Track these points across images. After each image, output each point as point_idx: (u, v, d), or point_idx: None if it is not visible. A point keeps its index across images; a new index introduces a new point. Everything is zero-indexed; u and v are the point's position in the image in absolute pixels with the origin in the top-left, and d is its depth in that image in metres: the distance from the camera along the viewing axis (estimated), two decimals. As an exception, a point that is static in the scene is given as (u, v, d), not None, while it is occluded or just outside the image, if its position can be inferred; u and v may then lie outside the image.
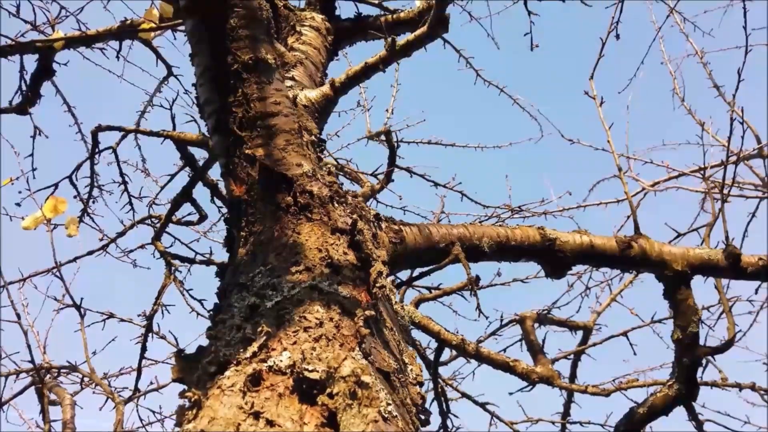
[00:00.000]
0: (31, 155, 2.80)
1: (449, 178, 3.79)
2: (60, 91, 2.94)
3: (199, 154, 2.61)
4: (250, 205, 1.32)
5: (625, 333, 3.31)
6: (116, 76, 3.35)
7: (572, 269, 2.16)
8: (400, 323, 1.27)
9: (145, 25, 2.68)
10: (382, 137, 3.52)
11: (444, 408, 2.55)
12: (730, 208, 2.19)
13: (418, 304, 2.37)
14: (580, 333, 3.45)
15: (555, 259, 2.02)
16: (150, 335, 2.71)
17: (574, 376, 3.35)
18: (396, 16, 2.88)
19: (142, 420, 3.12)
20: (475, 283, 1.90)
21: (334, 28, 2.72)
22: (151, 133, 2.67)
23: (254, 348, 0.91)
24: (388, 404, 0.85)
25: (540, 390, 2.82)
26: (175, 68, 3.12)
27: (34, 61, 2.69)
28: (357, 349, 0.94)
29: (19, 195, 2.69)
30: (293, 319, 0.97)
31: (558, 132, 4.11)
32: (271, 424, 0.78)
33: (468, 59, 3.30)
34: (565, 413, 3.27)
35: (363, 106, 3.90)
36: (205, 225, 3.59)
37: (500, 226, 2.02)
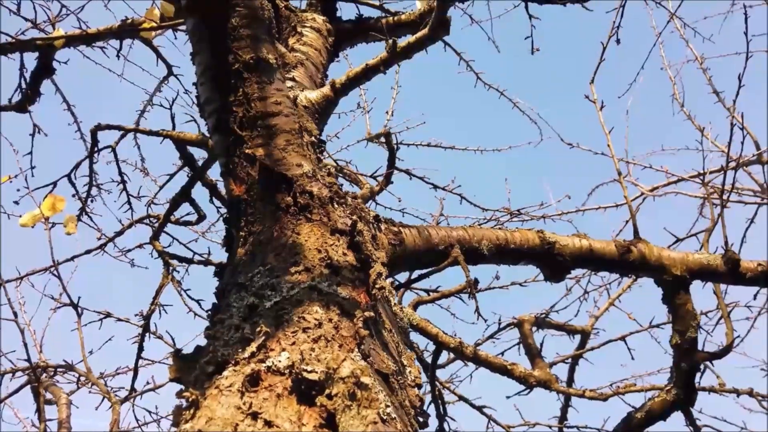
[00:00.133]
0: (29, 153, 2.79)
1: (449, 180, 3.79)
2: (60, 89, 2.94)
3: (199, 154, 2.61)
4: (250, 205, 1.32)
5: (623, 337, 3.31)
6: (116, 75, 3.35)
7: (571, 273, 2.16)
8: (399, 325, 1.27)
9: (145, 25, 2.68)
10: (382, 139, 3.51)
11: (441, 411, 2.55)
12: (728, 214, 2.19)
13: (416, 307, 2.37)
14: (578, 337, 3.45)
15: (554, 262, 2.02)
16: (147, 335, 2.71)
17: (571, 380, 3.35)
18: (397, 18, 2.88)
19: (138, 420, 3.11)
20: (473, 286, 1.89)
21: (335, 30, 2.72)
22: (151, 133, 2.67)
23: (253, 348, 0.90)
24: (387, 406, 0.84)
25: (537, 394, 2.81)
26: (175, 68, 3.13)
27: (34, 59, 2.69)
28: (356, 350, 0.93)
29: (17, 193, 2.69)
30: (292, 320, 0.97)
31: (557, 136, 4.11)
32: (269, 424, 0.78)
33: (468, 62, 3.30)
34: (563, 417, 3.27)
35: (363, 107, 3.90)
36: (204, 225, 3.59)
37: (499, 229, 2.02)
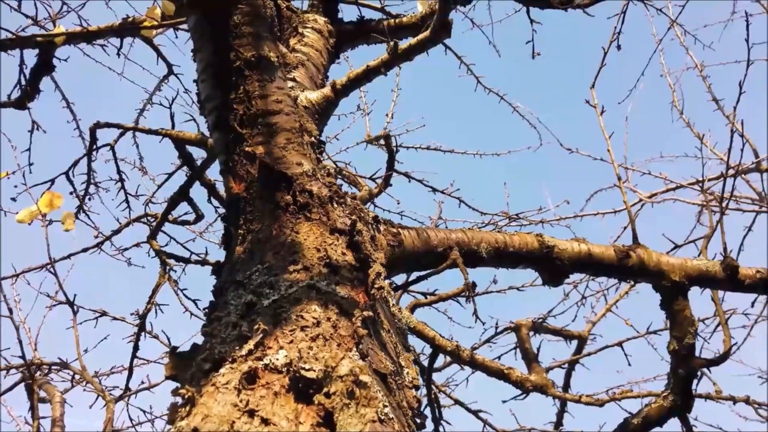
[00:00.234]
0: (28, 150, 2.78)
1: (447, 184, 3.79)
2: (59, 86, 2.93)
3: (198, 154, 2.60)
4: (249, 203, 1.31)
5: (620, 343, 3.31)
6: (116, 74, 3.34)
7: (569, 277, 2.15)
8: (397, 326, 1.26)
9: (146, 23, 2.67)
10: (382, 141, 3.51)
11: (437, 414, 2.54)
12: (726, 222, 2.19)
13: (413, 310, 2.36)
14: (575, 342, 3.44)
15: (553, 266, 2.01)
16: (143, 334, 2.70)
17: (567, 386, 3.34)
18: (398, 21, 2.88)
19: (133, 420, 3.10)
20: (471, 289, 1.88)
21: (336, 31, 2.72)
22: (150, 131, 2.66)
23: (250, 346, 0.90)
24: (385, 406, 0.84)
25: (533, 399, 2.81)
26: (175, 67, 3.12)
27: (34, 56, 2.68)
28: (354, 349, 0.93)
29: (15, 189, 2.68)
30: (290, 318, 0.96)
31: (557, 141, 4.11)
32: (266, 422, 0.77)
33: (469, 66, 3.30)
34: (558, 423, 3.26)
35: (363, 109, 3.89)
36: (201, 225, 3.58)
37: (498, 232, 2.01)
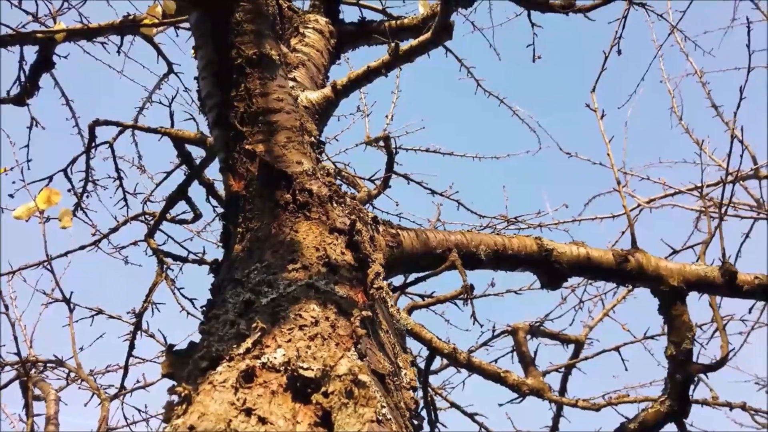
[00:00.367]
0: (26, 146, 2.77)
1: (446, 186, 3.78)
2: (59, 83, 2.92)
3: (197, 153, 2.60)
4: (248, 201, 1.31)
5: (617, 348, 3.31)
6: (116, 72, 3.34)
7: (567, 281, 2.15)
8: (395, 327, 1.25)
9: (147, 21, 2.67)
10: (381, 143, 3.51)
11: (433, 417, 2.53)
12: (724, 228, 2.19)
13: (410, 311, 2.35)
14: (572, 346, 3.44)
15: (551, 269, 2.01)
16: (139, 333, 2.69)
17: (564, 390, 3.34)
18: (400, 22, 2.88)
19: (128, 418, 3.09)
20: (469, 292, 1.88)
21: (337, 32, 2.71)
22: (149, 130, 2.65)
23: (248, 344, 0.89)
24: (383, 406, 0.83)
25: (530, 402, 2.80)
26: (175, 65, 3.11)
27: (34, 53, 2.67)
28: (353, 349, 0.92)
29: (13, 186, 2.66)
30: (288, 317, 0.96)
31: (556, 145, 4.11)
32: (263, 421, 0.76)
33: (469, 69, 3.30)
34: (554, 427, 3.25)
35: (363, 111, 3.89)
36: (199, 224, 3.57)
37: (497, 235, 2.01)
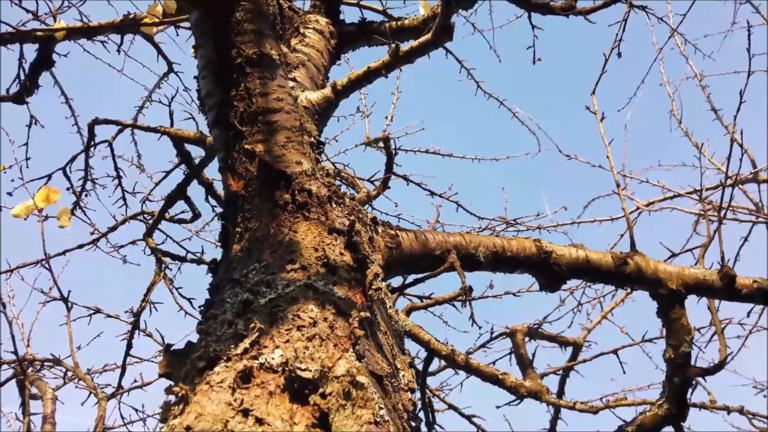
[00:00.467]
0: (25, 144, 2.77)
1: (446, 187, 3.77)
2: (58, 82, 2.91)
3: (196, 152, 2.60)
4: (247, 201, 1.30)
5: (615, 351, 3.31)
6: (116, 70, 3.33)
7: (566, 283, 2.15)
8: (393, 328, 1.25)
9: (147, 20, 2.66)
10: (381, 144, 3.51)
11: (430, 419, 2.53)
12: (722, 232, 2.18)
13: (408, 313, 2.35)
14: (570, 349, 3.44)
15: (550, 272, 2.00)
16: (136, 332, 2.68)
17: (562, 392, 3.34)
18: (400, 23, 2.88)
19: (125, 418, 3.08)
20: (468, 293, 1.88)
21: (337, 32, 2.71)
22: (149, 129, 2.65)
23: (246, 344, 0.89)
24: (381, 408, 0.83)
25: (527, 404, 2.80)
26: (175, 65, 3.11)
27: (34, 51, 2.67)
28: (351, 350, 0.92)
29: (11, 184, 2.66)
30: (287, 317, 0.95)
31: (556, 147, 4.11)
32: (260, 422, 0.76)
33: (469, 70, 3.30)
34: (552, 429, 3.25)
35: (363, 112, 3.88)
36: (198, 224, 3.56)
37: (497, 237, 2.01)
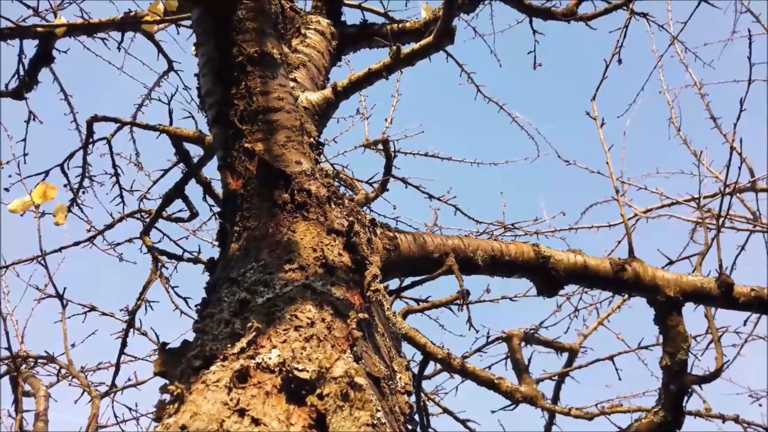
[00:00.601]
0: (23, 140, 2.75)
1: (444, 191, 3.78)
2: (58, 78, 2.90)
3: (194, 151, 2.59)
4: (246, 200, 1.30)
5: (611, 357, 3.30)
6: (116, 68, 3.33)
7: (564, 288, 2.14)
8: (391, 330, 1.24)
9: (148, 18, 2.66)
10: (380, 146, 3.50)
11: (425, 422, 2.52)
12: (719, 240, 2.18)
13: (405, 316, 2.35)
14: (566, 355, 3.44)
15: (548, 276, 2.00)
16: (131, 331, 2.67)
17: (557, 398, 3.34)
18: (402, 26, 2.88)
19: (118, 417, 3.07)
20: (465, 297, 1.87)
21: (339, 34, 2.71)
22: (147, 127, 2.65)
23: (242, 344, 0.88)
24: (378, 410, 0.82)
25: (522, 410, 2.79)
26: (176, 63, 3.11)
27: (33, 47, 2.66)
28: (349, 351, 0.91)
29: (9, 179, 2.65)
30: (284, 317, 0.94)
31: (555, 152, 4.11)
32: (256, 422, 0.75)
33: (470, 74, 3.30)
34: (547, 435, 3.24)
35: (362, 114, 3.88)
36: (195, 223, 3.55)
37: (495, 241, 2.00)
